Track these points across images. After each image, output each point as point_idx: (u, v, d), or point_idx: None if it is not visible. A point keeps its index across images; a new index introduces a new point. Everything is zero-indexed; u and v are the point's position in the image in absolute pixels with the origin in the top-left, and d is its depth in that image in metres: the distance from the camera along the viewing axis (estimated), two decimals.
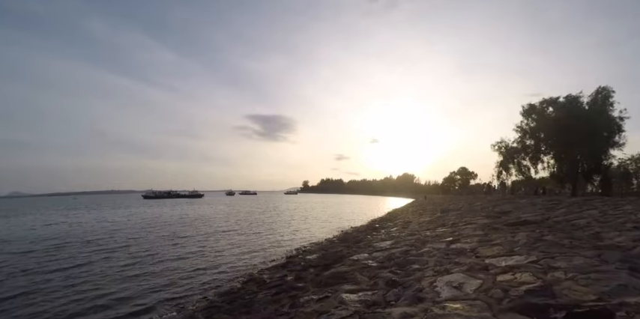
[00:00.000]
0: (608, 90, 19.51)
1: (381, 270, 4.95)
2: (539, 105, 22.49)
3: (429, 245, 6.48)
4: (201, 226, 18.74)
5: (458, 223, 9.44)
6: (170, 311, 5.61)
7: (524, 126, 22.97)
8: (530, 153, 22.54)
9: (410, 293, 3.57)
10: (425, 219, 14.38)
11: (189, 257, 10.06)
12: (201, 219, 23.56)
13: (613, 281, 3.24)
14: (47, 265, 9.13)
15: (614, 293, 2.87)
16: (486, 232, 7.01)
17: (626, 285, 3.03)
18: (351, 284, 4.44)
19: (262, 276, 6.94)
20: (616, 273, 3.54)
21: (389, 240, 8.45)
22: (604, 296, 2.82)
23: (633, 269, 3.61)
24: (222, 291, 6.36)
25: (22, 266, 9.08)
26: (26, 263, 9.44)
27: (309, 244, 12.37)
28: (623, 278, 3.25)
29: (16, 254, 10.68)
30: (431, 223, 11.34)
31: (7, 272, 8.38)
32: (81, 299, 6.31)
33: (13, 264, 9.28)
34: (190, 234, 15.36)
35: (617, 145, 19.39)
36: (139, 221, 22.09)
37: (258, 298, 4.94)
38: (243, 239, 13.59)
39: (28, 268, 8.80)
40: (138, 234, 15.05)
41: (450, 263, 4.72)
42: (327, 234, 15.64)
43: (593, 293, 2.88)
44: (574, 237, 5.40)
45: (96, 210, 36.49)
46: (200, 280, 7.50)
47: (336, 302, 3.71)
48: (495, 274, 3.88)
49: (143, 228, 18.03)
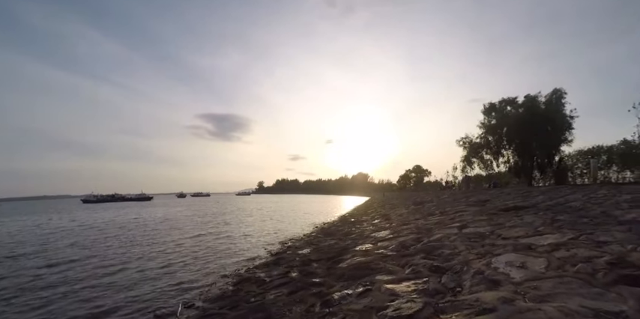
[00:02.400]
0: (562, 92, 21.50)
1: (409, 258, 4.43)
2: (499, 104, 24.14)
3: (437, 231, 6.13)
4: (154, 230, 16.85)
5: (448, 212, 9.32)
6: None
7: (486, 123, 24.44)
8: (493, 147, 24.05)
9: (476, 277, 3.07)
10: (401, 211, 14.31)
11: (148, 263, 8.67)
12: (153, 222, 21.32)
13: None
14: None
15: None
16: (489, 217, 6.87)
17: None
18: (385, 274, 3.85)
19: (256, 275, 6.07)
20: None
21: (383, 230, 8.02)
22: None
23: None
24: (213, 296, 5.39)
25: None
26: None
27: (287, 240, 11.59)
28: None
29: None
30: (414, 214, 11.18)
31: None
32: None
33: None
34: (141, 238, 13.59)
35: (567, 141, 21.30)
36: (77, 228, 19.27)
37: (269, 300, 4.13)
38: (208, 241, 12.31)
39: None
40: (82, 243, 12.95)
41: (482, 246, 4.35)
42: (301, 231, 14.97)
43: None
44: (587, 216, 5.37)
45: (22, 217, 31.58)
46: (171, 287, 6.28)
47: (385, 295, 3.10)
48: (548, 252, 3.56)
49: (86, 235, 15.70)
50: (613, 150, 20.72)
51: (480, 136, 25.58)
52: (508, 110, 23.79)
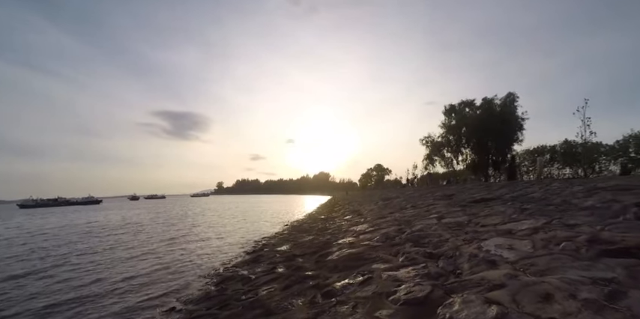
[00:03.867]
0: (515, 95, 23.44)
1: (399, 247, 4.55)
2: (458, 106, 25.69)
3: (417, 222, 6.36)
4: (112, 235, 15.68)
5: (419, 205, 9.70)
6: None
7: (447, 123, 25.87)
8: (453, 146, 25.54)
9: (473, 260, 3.23)
10: (371, 206, 14.65)
11: (116, 270, 8.09)
12: (107, 226, 19.74)
13: (636, 227, 3.49)
14: None
15: None
16: (462, 208, 7.26)
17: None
18: (381, 263, 3.92)
19: (239, 273, 5.89)
20: (631, 221, 3.85)
21: (361, 224, 8.16)
22: None
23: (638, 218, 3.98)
24: (195, 297, 5.12)
25: None
26: None
27: (260, 239, 11.38)
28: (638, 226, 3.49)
29: None
30: (385, 209, 11.50)
31: None
32: None
33: None
34: (103, 244, 12.60)
35: (519, 141, 23.22)
36: (22, 235, 17.20)
37: (263, 296, 4.03)
38: (176, 244, 11.69)
39: None
40: (34, 252, 11.66)
41: (466, 233, 4.59)
42: (271, 230, 14.77)
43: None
44: (551, 204, 5.89)
45: None
46: (146, 293, 5.83)
47: (389, 281, 3.16)
48: (528, 235, 3.85)
49: (36, 243, 14.11)
50: (555, 150, 22.84)
51: (442, 136, 27.05)
52: (467, 111, 25.30)
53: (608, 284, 2.17)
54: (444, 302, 2.39)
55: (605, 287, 2.13)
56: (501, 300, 2.20)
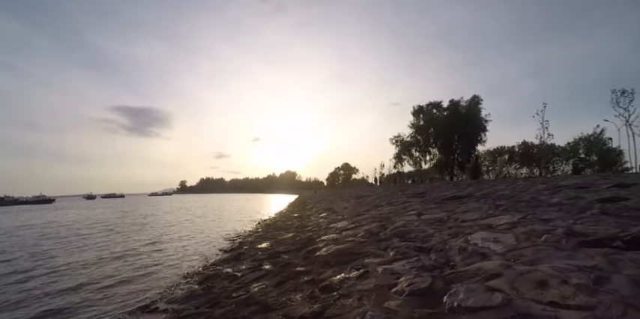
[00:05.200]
0: (479, 98, 24.77)
1: (386, 242, 4.69)
2: (426, 107, 26.68)
3: (397, 219, 6.58)
4: (69, 236, 14.64)
5: (394, 203, 10.01)
6: None
7: (415, 123, 26.81)
8: (421, 146, 26.53)
9: (463, 253, 3.42)
10: (344, 204, 14.87)
11: (81, 271, 7.62)
12: (64, 227, 18.39)
13: (603, 220, 3.89)
14: None
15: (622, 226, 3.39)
16: (437, 205, 7.60)
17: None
18: (373, 257, 4.02)
19: (223, 271, 5.75)
20: (597, 216, 4.26)
21: (340, 221, 8.27)
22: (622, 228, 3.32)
23: (604, 213, 4.41)
24: (180, 296, 4.94)
25: None
26: None
27: (235, 237, 11.21)
28: (604, 219, 3.89)
29: None
30: (359, 206, 11.73)
31: None
32: None
33: None
34: (58, 246, 11.71)
35: (482, 141, 24.61)
36: None
37: (256, 292, 3.97)
38: (144, 243, 11.21)
39: None
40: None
41: (449, 228, 4.83)
42: (242, 228, 14.56)
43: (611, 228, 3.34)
44: (521, 201, 6.33)
45: None
46: (121, 293, 5.61)
47: (387, 275, 3.25)
48: (508, 229, 4.13)
49: None
50: (514, 151, 24.48)
51: (411, 135, 27.89)
52: (434, 113, 26.35)
53: (592, 271, 2.40)
54: (447, 291, 2.51)
55: (591, 273, 2.36)
56: (502, 288, 2.36)
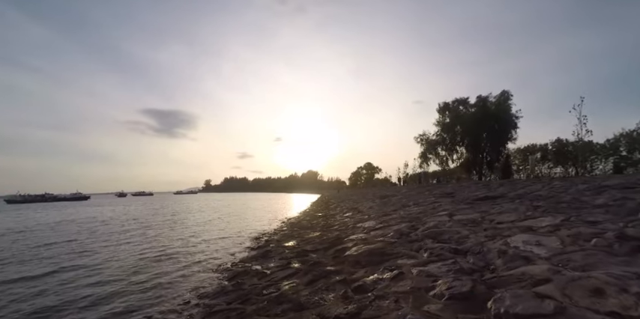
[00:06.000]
0: (509, 93, 23.68)
1: (418, 243, 4.57)
2: (452, 104, 25.87)
3: (427, 219, 6.41)
4: (107, 231, 15.39)
5: (422, 203, 9.78)
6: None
7: (441, 121, 26.08)
8: (448, 144, 25.78)
9: (504, 256, 3.26)
10: (369, 204, 14.71)
11: (122, 262, 7.98)
12: (103, 221, 19.39)
13: None
14: None
15: None
16: (469, 206, 7.35)
17: None
18: (406, 259, 3.92)
19: (252, 268, 5.84)
20: None
21: (367, 221, 8.17)
22: None
23: None
24: (211, 292, 5.06)
25: None
26: None
27: (261, 235, 11.34)
28: None
29: None
30: (385, 206, 11.56)
31: None
32: None
33: None
34: (90, 241, 12.37)
35: (512, 139, 23.56)
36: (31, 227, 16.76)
37: (286, 290, 3.98)
38: (169, 237, 11.59)
39: None
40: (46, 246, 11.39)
41: (485, 230, 4.64)
42: (268, 227, 14.72)
43: None
44: (562, 202, 5.99)
45: None
46: (155, 286, 5.79)
47: (423, 277, 3.16)
48: (551, 232, 3.91)
49: (42, 236, 13.77)
50: (547, 148, 23.28)
51: (436, 133, 27.12)
52: (461, 110, 25.53)
53: None
54: (490, 296, 2.39)
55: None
56: (552, 295, 2.21)
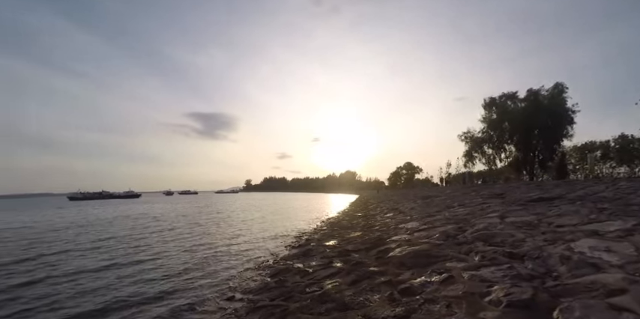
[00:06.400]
0: (563, 86, 21.72)
1: (468, 246, 4.35)
2: (499, 99, 24.28)
3: (476, 221, 6.09)
4: (158, 228, 16.48)
5: (468, 204, 9.32)
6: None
7: (487, 117, 24.60)
8: (495, 142, 24.26)
9: (568, 262, 2.99)
10: (410, 205, 14.32)
11: (174, 254, 8.48)
12: (154, 217, 20.85)
13: None
14: None
15: None
16: (523, 207, 6.88)
17: None
18: (456, 262, 3.75)
19: (294, 266, 5.93)
20: None
21: (410, 222, 7.95)
22: None
23: None
24: (254, 288, 5.22)
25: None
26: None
27: (301, 234, 11.52)
28: None
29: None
30: (428, 207, 11.17)
31: None
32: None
33: None
34: (143, 236, 13.29)
35: (568, 136, 21.61)
36: (76, 221, 18.59)
37: (330, 289, 3.98)
38: (215, 234, 12.12)
39: None
40: (84, 236, 12.57)
41: (543, 234, 4.30)
42: (308, 225, 14.88)
43: None
44: (631, 204, 5.40)
45: (19, 212, 30.28)
46: (200, 281, 6.08)
47: (475, 282, 2.99)
48: (622, 237, 3.52)
49: (87, 229, 15.19)
50: (609, 146, 21.11)
51: (482, 131, 25.66)
52: (509, 105, 23.90)
53: None
54: (555, 306, 2.20)
55: None
56: (631, 307, 1.98)
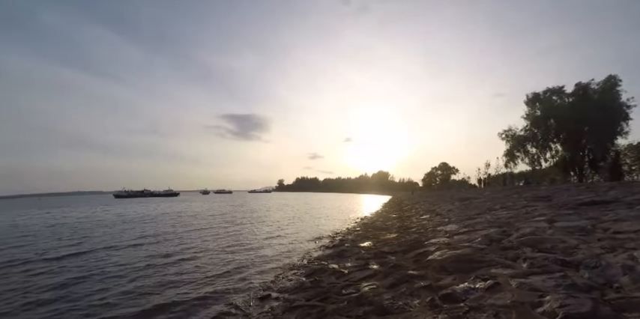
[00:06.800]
0: (616, 79, 19.80)
1: (514, 251, 4.12)
2: (543, 94, 22.68)
3: (521, 225, 5.76)
4: (196, 224, 17.20)
5: (511, 207, 8.85)
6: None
7: (531, 114, 22.96)
8: (539, 141, 22.60)
9: (631, 272, 2.74)
10: (448, 207, 13.85)
11: (209, 253, 8.78)
12: (193, 215, 21.83)
13: None
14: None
15: None
16: (573, 211, 6.42)
17: None
18: (502, 268, 3.56)
19: (329, 266, 5.92)
20: None
21: (449, 224, 7.69)
22: None
23: None
24: (290, 287, 5.25)
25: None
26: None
27: (335, 234, 11.50)
28: None
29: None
30: (467, 209, 10.73)
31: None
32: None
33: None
34: (183, 233, 13.90)
35: (623, 133, 19.70)
36: (129, 217, 19.95)
37: (366, 292, 3.93)
38: (250, 233, 12.43)
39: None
40: (128, 233, 13.41)
41: (599, 240, 3.98)
42: (341, 226, 14.84)
43: None
44: None
45: (73, 208, 33.11)
46: (236, 278, 6.20)
47: (524, 290, 2.82)
48: None
49: (129, 225, 16.21)
50: None
51: (525, 128, 23.89)
52: (554, 100, 22.28)
53: None
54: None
55: None
56: None
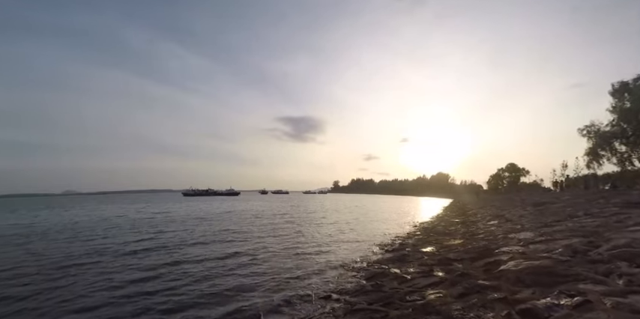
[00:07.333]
0: None
1: (605, 265, 3.65)
2: (634, 83, 19.28)
3: (613, 235, 5.08)
4: (258, 223, 18.07)
5: (596, 214, 7.84)
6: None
7: (618, 106, 19.77)
8: (629, 137, 19.34)
9: None
10: (519, 212, 12.72)
11: (281, 252, 9.13)
12: (256, 214, 23.03)
13: None
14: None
15: None
16: None
17: None
18: (591, 284, 3.18)
19: (390, 270, 5.82)
20: None
21: (522, 232, 7.06)
22: None
23: None
24: (350, 289, 5.24)
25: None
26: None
27: (395, 237, 11.29)
28: None
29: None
30: (543, 216, 9.73)
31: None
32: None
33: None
34: (248, 230, 14.64)
35: None
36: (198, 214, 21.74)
37: (433, 300, 3.78)
38: (309, 233, 12.70)
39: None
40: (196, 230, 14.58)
41: None
42: (400, 229, 14.48)
43: None
44: None
45: (152, 204, 37.08)
46: (294, 275, 6.37)
47: (623, 312, 2.48)
48: None
49: (198, 222, 17.57)
50: None
51: (612, 123, 20.79)
52: None
53: None
54: None
55: None
56: None
